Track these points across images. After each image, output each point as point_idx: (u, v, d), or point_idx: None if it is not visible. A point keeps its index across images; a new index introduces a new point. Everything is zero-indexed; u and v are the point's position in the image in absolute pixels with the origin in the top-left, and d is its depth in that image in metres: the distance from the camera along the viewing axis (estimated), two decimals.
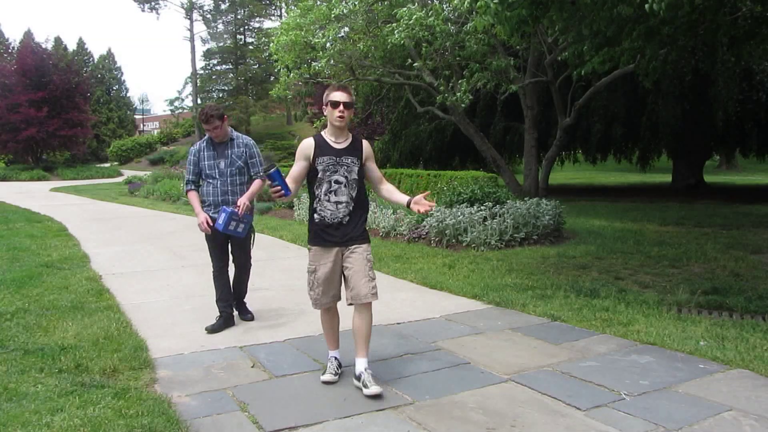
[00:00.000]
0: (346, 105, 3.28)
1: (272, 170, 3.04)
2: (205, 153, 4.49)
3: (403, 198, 3.41)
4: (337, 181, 3.28)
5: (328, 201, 3.28)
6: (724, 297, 4.99)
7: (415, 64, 12.07)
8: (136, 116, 53.98)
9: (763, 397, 3.13)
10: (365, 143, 3.43)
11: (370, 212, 3.78)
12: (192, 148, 4.63)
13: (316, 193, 3.30)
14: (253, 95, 42.43)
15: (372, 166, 3.45)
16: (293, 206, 11.48)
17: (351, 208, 3.31)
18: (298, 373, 3.55)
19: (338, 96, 3.27)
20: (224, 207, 4.27)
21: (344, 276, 3.35)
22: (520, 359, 3.75)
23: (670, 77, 13.36)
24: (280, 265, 6.91)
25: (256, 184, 4.45)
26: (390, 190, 3.51)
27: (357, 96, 15.98)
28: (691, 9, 4.77)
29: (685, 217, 10.25)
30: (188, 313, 4.92)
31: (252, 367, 3.67)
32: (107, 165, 38.11)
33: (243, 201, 4.28)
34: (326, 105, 3.30)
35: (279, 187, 3.03)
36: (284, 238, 8.76)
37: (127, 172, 30.15)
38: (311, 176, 3.31)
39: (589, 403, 3.08)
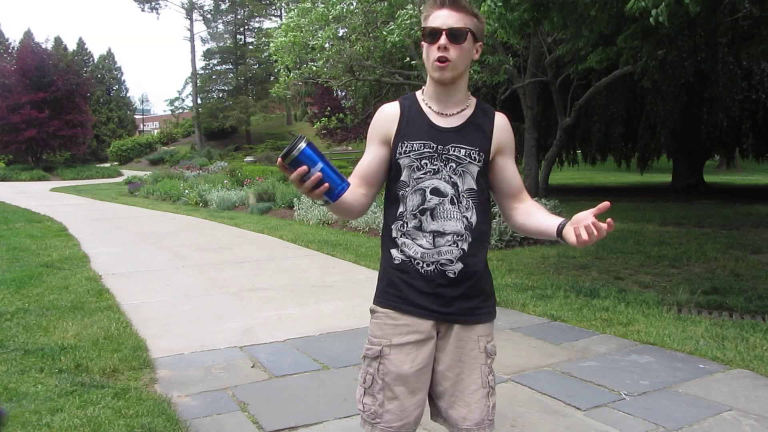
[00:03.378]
0: (455, 35, 1.62)
1: (297, 148, 1.48)
2: None
3: (552, 222, 1.72)
4: (436, 191, 1.69)
5: (420, 229, 1.69)
6: (724, 297, 5.00)
7: (413, 62, 12.10)
8: (136, 116, 54.00)
9: (763, 397, 3.13)
10: (500, 119, 1.78)
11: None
12: None
13: (399, 210, 1.72)
14: (253, 95, 42.43)
15: (508, 165, 1.79)
16: (293, 205, 11.45)
17: (466, 246, 1.69)
18: (298, 373, 3.55)
19: (439, 18, 1.63)
20: None
21: (435, 377, 1.76)
22: (520, 359, 3.75)
23: (669, 77, 13.37)
24: (280, 265, 6.91)
25: None
26: (530, 211, 1.80)
27: (356, 96, 15.93)
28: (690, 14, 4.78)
29: (685, 217, 10.25)
30: (188, 313, 4.92)
31: (252, 367, 3.67)
32: (107, 165, 38.09)
33: None
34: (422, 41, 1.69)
35: (312, 172, 1.48)
36: (284, 238, 8.75)
37: (127, 172, 30.14)
38: (390, 177, 1.76)
39: (589, 403, 3.08)
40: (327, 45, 12.01)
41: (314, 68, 12.66)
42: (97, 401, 3.02)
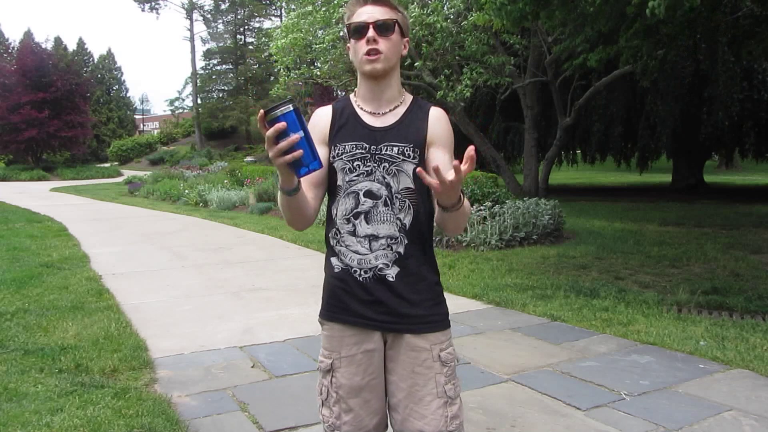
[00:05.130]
0: (383, 27, 1.60)
1: (281, 109, 1.35)
2: None
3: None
4: (369, 194, 1.62)
5: (353, 234, 1.63)
6: (724, 297, 5.00)
7: (416, 64, 12.11)
8: (136, 116, 54.00)
9: (763, 397, 3.13)
10: (435, 113, 1.69)
11: None
12: None
13: (332, 217, 1.67)
14: (253, 95, 42.39)
15: (437, 156, 1.64)
16: None
17: (402, 249, 1.63)
18: (298, 373, 3.55)
19: (364, 14, 1.61)
20: None
21: (388, 388, 1.71)
22: (520, 359, 3.75)
23: (669, 77, 13.37)
24: (280, 265, 6.91)
25: None
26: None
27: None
28: (690, 9, 4.79)
29: (685, 217, 10.25)
30: (188, 313, 4.92)
31: (252, 367, 3.67)
32: (107, 165, 38.06)
33: None
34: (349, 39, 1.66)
35: (290, 135, 1.35)
36: (284, 238, 8.76)
37: (127, 172, 30.13)
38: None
39: (589, 403, 3.08)
40: (329, 47, 12.01)
41: (315, 72, 12.67)
42: (97, 401, 3.02)
